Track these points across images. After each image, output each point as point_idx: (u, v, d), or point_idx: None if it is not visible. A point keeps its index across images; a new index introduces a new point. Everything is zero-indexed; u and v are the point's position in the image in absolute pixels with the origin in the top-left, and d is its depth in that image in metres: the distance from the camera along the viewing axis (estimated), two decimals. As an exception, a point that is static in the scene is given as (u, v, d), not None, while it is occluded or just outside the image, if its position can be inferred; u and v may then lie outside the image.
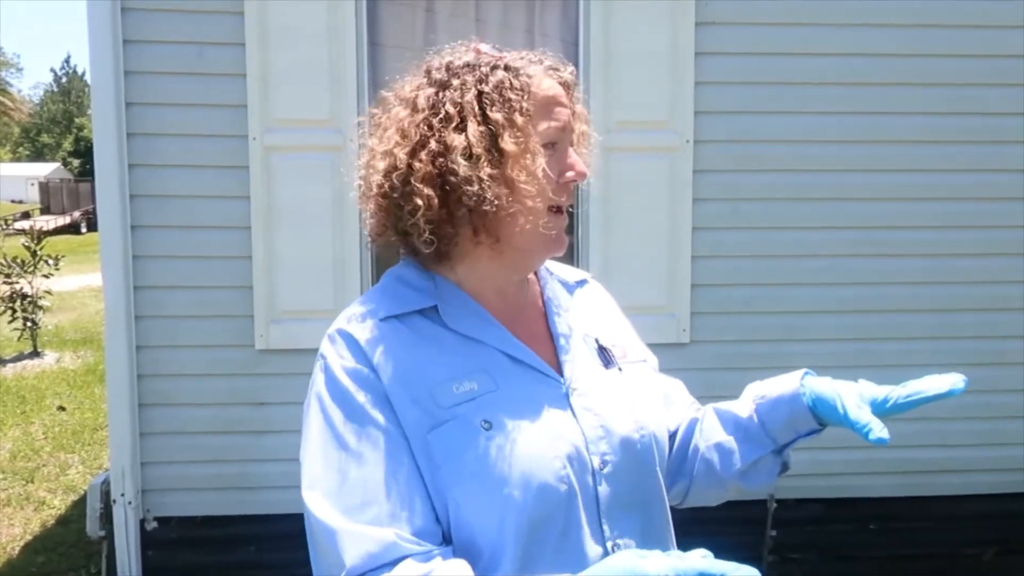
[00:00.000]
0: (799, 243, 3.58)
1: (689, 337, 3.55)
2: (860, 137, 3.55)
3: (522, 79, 1.05)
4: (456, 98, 1.03)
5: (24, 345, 8.61)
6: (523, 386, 1.04)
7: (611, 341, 1.18)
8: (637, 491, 1.08)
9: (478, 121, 1.02)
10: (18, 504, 4.90)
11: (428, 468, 0.98)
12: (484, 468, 0.97)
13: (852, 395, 1.06)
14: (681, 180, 3.49)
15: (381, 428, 0.99)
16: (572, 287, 1.25)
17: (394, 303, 1.07)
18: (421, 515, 0.97)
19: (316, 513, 0.96)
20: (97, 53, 3.23)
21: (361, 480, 0.97)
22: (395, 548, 0.93)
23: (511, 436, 0.99)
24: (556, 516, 0.99)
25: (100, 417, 6.46)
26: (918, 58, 3.54)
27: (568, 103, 1.09)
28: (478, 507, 0.97)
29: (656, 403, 1.18)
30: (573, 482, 1.00)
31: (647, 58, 3.44)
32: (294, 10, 3.29)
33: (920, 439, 3.67)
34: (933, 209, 3.61)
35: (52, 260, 8.42)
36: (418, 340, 1.04)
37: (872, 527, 3.78)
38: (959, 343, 3.65)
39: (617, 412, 1.08)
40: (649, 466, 1.10)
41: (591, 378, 1.10)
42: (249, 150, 3.31)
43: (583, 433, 1.04)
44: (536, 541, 0.98)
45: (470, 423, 0.99)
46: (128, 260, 3.33)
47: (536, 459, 0.98)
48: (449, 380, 1.01)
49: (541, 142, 1.05)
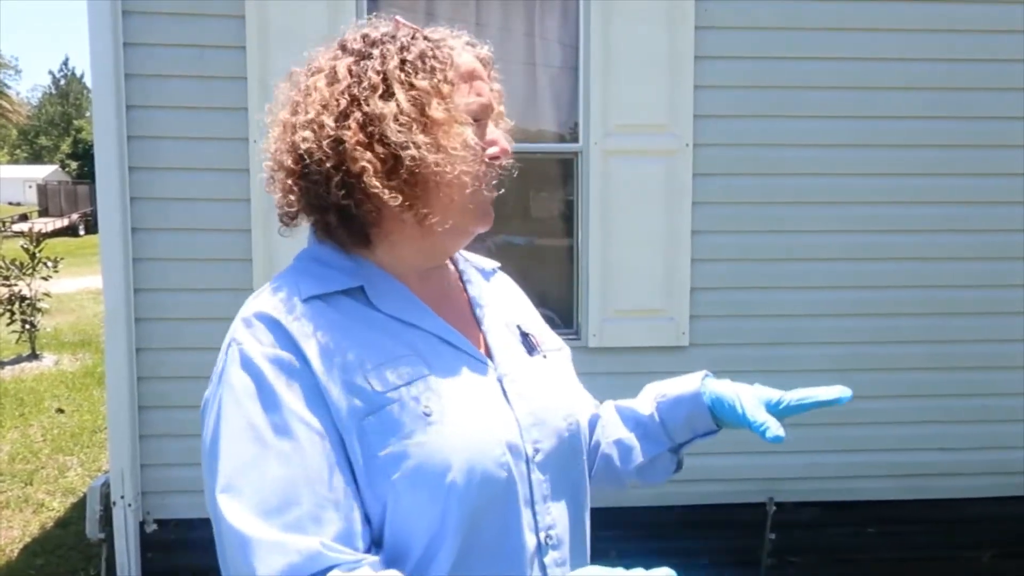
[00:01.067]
0: (798, 247, 3.59)
1: (688, 340, 3.56)
2: (859, 141, 3.56)
3: (444, 50, 1.01)
4: (378, 67, 0.97)
5: (22, 347, 8.60)
6: (457, 371, 0.99)
7: (530, 329, 1.15)
8: (566, 480, 1.05)
9: (405, 88, 0.97)
10: (17, 506, 4.89)
11: (363, 458, 0.91)
12: (426, 455, 0.91)
13: (750, 396, 1.07)
14: (680, 183, 3.50)
15: (304, 421, 0.90)
16: (488, 274, 1.20)
17: (316, 283, 0.99)
18: (348, 517, 0.89)
19: (228, 518, 0.86)
20: (98, 56, 3.24)
21: (281, 479, 0.87)
22: (320, 558, 0.85)
23: (452, 422, 0.94)
24: (496, 505, 0.95)
25: (99, 419, 6.45)
26: (916, 62, 3.55)
27: (487, 80, 1.06)
28: (418, 495, 0.91)
29: (579, 391, 1.19)
30: (512, 470, 0.97)
31: (646, 62, 3.45)
32: (294, 13, 3.29)
33: (920, 442, 3.68)
34: (932, 213, 3.63)
35: (51, 262, 8.41)
36: (347, 322, 0.97)
37: (871, 530, 3.79)
38: (958, 347, 3.66)
39: (547, 399, 1.06)
40: (577, 455, 1.08)
41: (518, 365, 1.07)
42: (249, 153, 3.32)
43: (517, 420, 1.00)
44: (476, 531, 0.93)
45: (409, 408, 0.93)
46: (128, 263, 3.33)
47: (478, 445, 0.94)
48: (384, 363, 0.95)
49: (468, 114, 1.01)
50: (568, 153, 3.57)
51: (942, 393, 3.69)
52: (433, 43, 1.01)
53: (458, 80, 1.01)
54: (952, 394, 3.69)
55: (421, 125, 0.96)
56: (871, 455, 3.68)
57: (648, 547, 3.55)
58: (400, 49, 0.99)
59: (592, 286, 3.52)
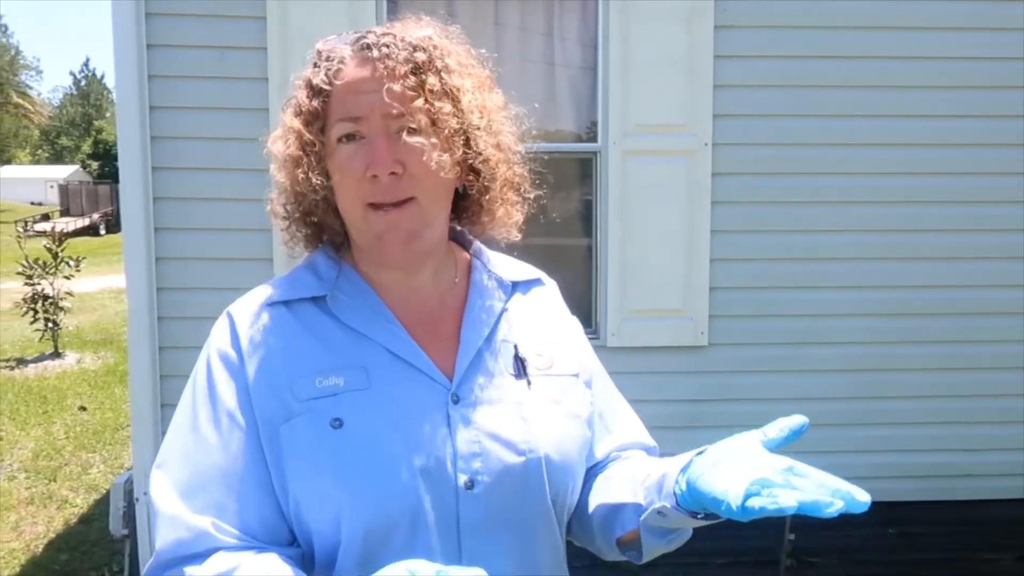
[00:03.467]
0: (817, 246, 3.58)
1: (707, 340, 3.55)
2: (878, 140, 3.55)
3: (320, 77, 0.98)
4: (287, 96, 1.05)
5: (45, 346, 8.70)
6: (399, 388, 0.98)
7: (536, 351, 1.06)
8: (514, 515, 0.98)
9: (283, 120, 1.03)
10: (41, 503, 4.96)
11: (275, 461, 0.94)
12: (323, 467, 0.93)
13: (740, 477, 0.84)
14: (699, 183, 3.50)
15: (232, 417, 0.96)
16: (510, 287, 1.12)
17: (288, 289, 1.04)
18: (254, 510, 0.93)
19: (152, 491, 0.96)
20: (122, 58, 3.27)
21: (203, 466, 0.94)
22: (206, 538, 0.91)
23: (360, 439, 0.93)
24: (398, 529, 0.93)
25: (121, 417, 6.52)
26: (936, 61, 3.53)
27: (377, 87, 0.96)
28: (314, 506, 0.93)
29: (565, 422, 1.04)
30: (423, 497, 0.93)
31: (665, 61, 3.45)
32: (315, 14, 3.32)
33: (941, 443, 3.66)
34: (955, 212, 3.60)
35: (73, 262, 8.49)
36: (298, 329, 1.00)
37: (891, 531, 3.77)
38: (981, 347, 3.64)
39: (504, 429, 0.98)
40: (533, 491, 0.99)
41: (489, 389, 1.00)
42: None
43: (454, 447, 0.95)
44: (376, 551, 0.91)
45: (320, 420, 0.94)
46: (151, 262, 3.37)
47: (380, 467, 0.93)
48: (314, 373, 0.97)
49: (336, 136, 0.98)
50: (587, 153, 3.57)
51: (964, 394, 3.66)
52: (317, 67, 1.00)
53: (335, 99, 0.98)
54: (974, 395, 3.66)
55: (289, 160, 1.01)
56: (892, 456, 3.66)
57: (667, 547, 3.55)
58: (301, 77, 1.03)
59: (611, 286, 3.53)
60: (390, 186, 0.96)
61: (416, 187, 0.98)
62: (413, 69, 0.97)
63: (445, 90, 0.98)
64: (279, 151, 1.02)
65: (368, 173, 0.96)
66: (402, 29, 1.01)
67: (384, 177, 0.96)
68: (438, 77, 0.98)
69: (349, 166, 0.97)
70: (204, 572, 0.89)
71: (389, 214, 0.97)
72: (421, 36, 1.00)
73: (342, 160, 0.98)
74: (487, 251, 1.15)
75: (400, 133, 0.96)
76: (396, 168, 0.96)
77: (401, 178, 0.97)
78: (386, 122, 0.97)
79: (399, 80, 0.96)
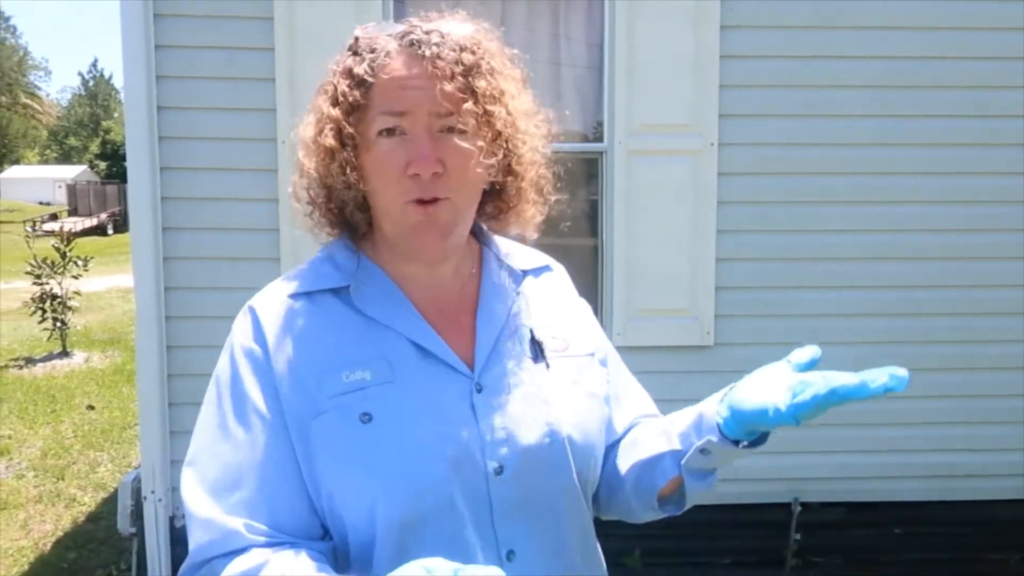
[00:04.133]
0: (823, 246, 3.58)
1: (713, 340, 3.56)
2: (884, 140, 3.55)
3: (362, 67, 0.98)
4: (319, 84, 1.05)
5: (54, 345, 8.73)
6: (424, 379, 0.98)
7: (551, 333, 1.08)
8: (543, 497, 1.00)
9: (318, 109, 1.02)
10: (49, 501, 4.98)
11: (306, 457, 0.95)
12: (355, 462, 0.93)
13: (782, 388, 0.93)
14: (705, 183, 3.50)
15: (260, 414, 0.96)
16: (521, 274, 1.13)
17: (309, 280, 1.04)
18: (286, 507, 0.94)
19: (183, 492, 0.96)
20: (130, 58, 3.29)
21: (233, 464, 0.95)
22: (236, 538, 0.91)
23: (390, 432, 0.94)
24: (433, 519, 0.94)
25: (128, 416, 6.55)
26: (942, 60, 3.53)
27: (426, 85, 0.96)
28: (348, 501, 0.94)
29: (585, 402, 1.07)
30: (455, 486, 0.94)
31: (672, 61, 3.45)
32: (322, 15, 3.33)
33: (948, 443, 3.65)
34: (960, 212, 3.60)
35: (81, 261, 8.52)
36: (322, 322, 1.00)
37: (897, 531, 3.76)
38: (988, 347, 3.63)
39: (528, 414, 1.00)
40: (560, 471, 1.01)
41: (509, 376, 1.02)
42: (278, 153, 3.36)
43: (480, 434, 0.97)
44: (412, 542, 0.92)
45: (349, 415, 0.95)
46: (159, 262, 3.38)
47: (414, 458, 0.94)
48: (340, 368, 0.97)
49: (377, 130, 0.98)
50: (592, 153, 3.57)
51: (971, 394, 3.65)
52: (358, 57, 1.00)
53: (377, 93, 0.98)
54: (981, 395, 3.65)
55: (323, 151, 1.00)
56: (898, 456, 3.66)
57: (673, 547, 3.55)
58: (335, 64, 1.03)
59: (616, 285, 3.53)
60: (429, 184, 0.97)
61: (453, 187, 0.99)
62: (463, 71, 0.97)
63: (493, 94, 1.00)
64: (309, 137, 1.02)
65: (410, 170, 0.96)
66: (445, 25, 1.01)
67: (426, 175, 0.96)
68: (486, 80, 0.99)
69: (389, 161, 0.97)
70: (234, 570, 0.90)
71: (427, 208, 0.98)
72: (466, 36, 1.00)
73: (382, 154, 0.98)
74: (496, 239, 1.16)
75: (442, 132, 0.97)
76: (439, 168, 0.97)
77: (441, 177, 0.97)
78: (431, 120, 0.97)
79: (451, 80, 0.96)
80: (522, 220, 1.12)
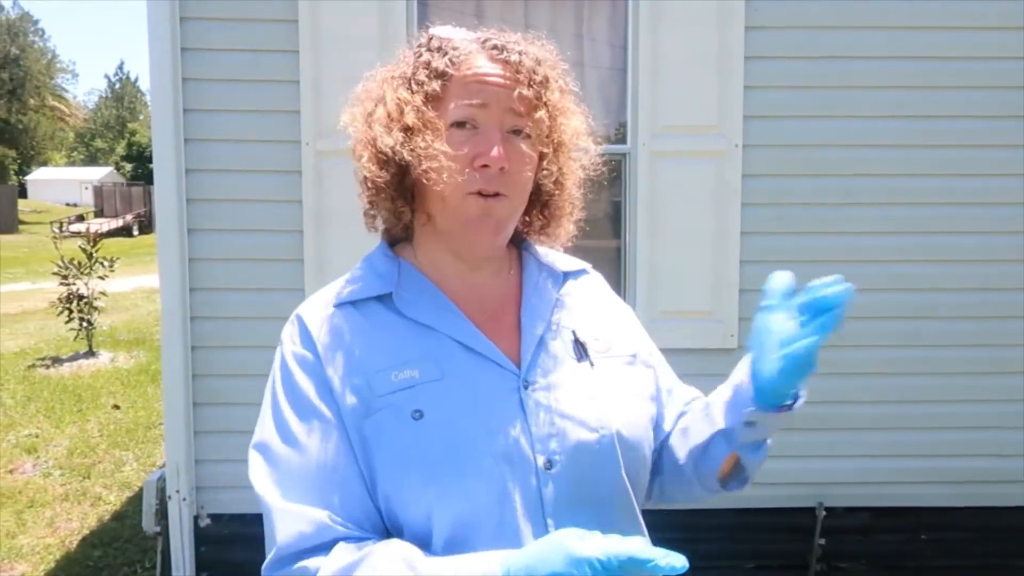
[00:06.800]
0: (848, 248, 3.54)
1: (736, 343, 3.53)
2: (910, 141, 3.51)
3: (442, 60, 1.03)
4: (384, 75, 1.09)
5: (80, 345, 8.82)
6: (472, 377, 1.01)
7: (593, 335, 1.11)
8: (592, 491, 1.01)
9: (392, 95, 1.05)
10: (75, 499, 5.03)
11: (363, 457, 0.97)
12: (409, 459, 0.95)
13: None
14: (729, 184, 3.48)
15: (320, 417, 0.98)
16: (561, 277, 1.17)
17: (353, 289, 1.07)
18: (355, 504, 0.96)
19: (259, 493, 0.98)
20: (156, 61, 3.32)
21: (298, 468, 0.97)
22: (327, 530, 0.93)
23: (441, 428, 0.96)
24: (487, 514, 0.95)
25: (153, 416, 6.60)
26: (969, 61, 3.49)
27: (506, 84, 1.02)
28: (404, 498, 0.95)
29: (631, 400, 1.10)
30: (508, 481, 0.96)
31: (695, 62, 3.43)
32: (346, 17, 3.34)
33: (974, 448, 3.61)
34: (985, 214, 3.55)
35: (107, 262, 8.60)
36: (368, 327, 1.03)
37: (923, 537, 3.72)
38: (1016, 351, 3.58)
39: (576, 409, 1.02)
40: (609, 466, 1.03)
41: (556, 373, 1.05)
42: (302, 155, 3.38)
43: (530, 430, 0.99)
44: (466, 537, 0.94)
45: (401, 413, 0.97)
46: (184, 262, 3.41)
47: (465, 455, 0.95)
48: (389, 368, 1.00)
49: (451, 120, 1.02)
50: (616, 154, 3.56)
51: (998, 398, 3.61)
52: (438, 52, 1.05)
53: (453, 86, 1.03)
54: (1009, 399, 3.61)
55: (402, 128, 1.02)
56: (924, 460, 3.62)
57: (696, 550, 3.53)
58: (406, 58, 1.08)
59: (639, 287, 3.52)
60: (493, 179, 1.01)
61: (512, 187, 1.04)
62: (540, 81, 1.04)
63: (561, 109, 1.07)
64: (383, 116, 1.05)
65: (479, 162, 1.01)
66: (512, 38, 1.07)
67: (495, 168, 1.01)
68: (556, 95, 1.06)
69: (460, 151, 1.01)
70: (333, 564, 0.91)
71: (487, 201, 1.02)
72: (542, 53, 1.07)
73: (454, 144, 1.01)
74: (535, 245, 1.19)
75: (510, 133, 1.03)
76: (506, 163, 1.01)
77: (504, 174, 1.02)
78: (504, 117, 1.02)
79: (528, 87, 1.03)
80: (564, 233, 1.18)
